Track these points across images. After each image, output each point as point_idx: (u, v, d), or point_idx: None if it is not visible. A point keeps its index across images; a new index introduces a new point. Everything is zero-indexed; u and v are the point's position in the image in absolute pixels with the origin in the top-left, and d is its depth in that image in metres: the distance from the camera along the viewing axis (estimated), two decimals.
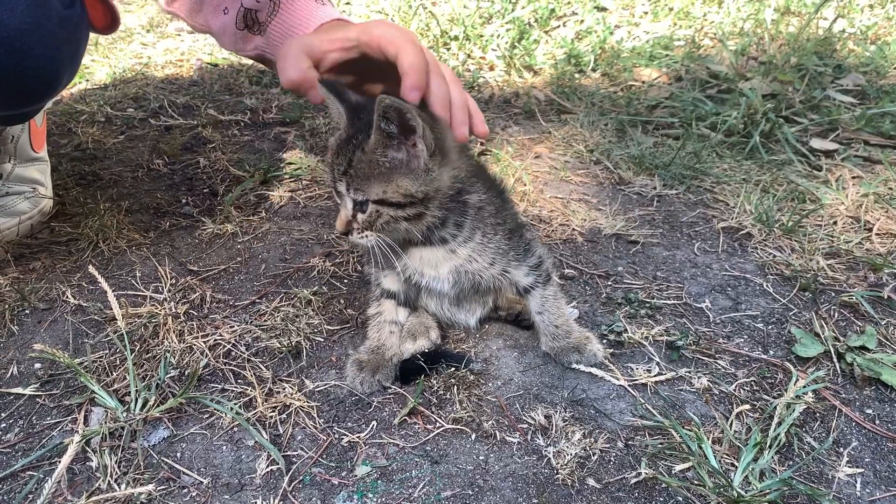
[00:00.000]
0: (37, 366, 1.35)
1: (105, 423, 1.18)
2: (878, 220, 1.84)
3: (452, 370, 1.29)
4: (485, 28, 3.35)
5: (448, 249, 1.22)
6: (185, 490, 1.08)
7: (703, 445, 1.09)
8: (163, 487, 1.08)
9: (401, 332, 1.35)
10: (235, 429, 1.19)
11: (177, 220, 1.88)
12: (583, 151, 2.31)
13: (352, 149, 1.10)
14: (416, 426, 1.19)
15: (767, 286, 1.58)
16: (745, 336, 1.42)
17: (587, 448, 1.13)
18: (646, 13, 3.58)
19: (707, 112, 2.51)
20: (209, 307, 1.51)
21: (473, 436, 1.17)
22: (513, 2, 3.48)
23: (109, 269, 1.65)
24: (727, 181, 2.10)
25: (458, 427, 1.18)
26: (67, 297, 1.53)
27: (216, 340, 1.39)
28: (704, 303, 1.52)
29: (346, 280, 1.62)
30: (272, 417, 1.21)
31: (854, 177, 2.11)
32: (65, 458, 0.96)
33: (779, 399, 1.18)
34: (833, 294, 1.55)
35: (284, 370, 1.33)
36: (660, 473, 1.08)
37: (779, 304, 1.52)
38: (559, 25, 3.46)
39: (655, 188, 2.07)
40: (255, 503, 1.04)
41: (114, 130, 2.45)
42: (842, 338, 1.39)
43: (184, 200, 1.99)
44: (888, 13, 3.44)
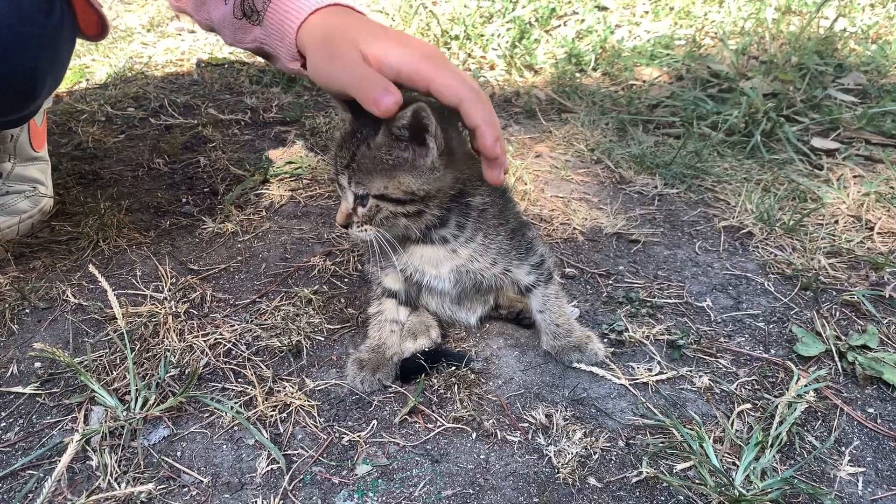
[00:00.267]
0: (37, 365, 1.35)
1: (105, 422, 1.17)
2: (880, 220, 1.84)
3: (453, 369, 1.29)
4: (485, 27, 3.35)
5: (449, 249, 1.22)
6: (186, 489, 1.07)
7: (705, 444, 1.09)
8: (163, 486, 1.07)
9: (401, 331, 1.35)
10: (236, 428, 1.18)
11: (177, 220, 1.88)
12: (584, 150, 2.31)
13: (356, 143, 1.10)
14: (417, 425, 1.19)
15: (769, 285, 1.58)
16: (747, 335, 1.42)
17: (588, 447, 1.13)
18: (646, 12, 3.58)
19: (708, 111, 2.50)
20: (209, 306, 1.51)
21: (474, 435, 1.17)
22: (513, 1, 3.48)
23: (110, 269, 1.65)
24: (728, 180, 2.09)
25: (459, 426, 1.18)
26: (68, 296, 1.53)
27: (216, 339, 1.39)
28: (705, 302, 1.52)
29: (347, 279, 1.62)
30: (272, 416, 1.20)
31: (855, 176, 2.10)
32: (65, 457, 0.95)
33: (780, 398, 1.18)
34: (834, 293, 1.55)
35: (285, 369, 1.33)
36: (661, 472, 1.07)
37: (780, 303, 1.52)
38: (560, 25, 3.46)
39: (656, 187, 2.06)
40: (256, 502, 1.04)
41: (114, 130, 2.45)
42: (843, 337, 1.38)
43: (184, 199, 1.99)
44: (889, 12, 3.43)
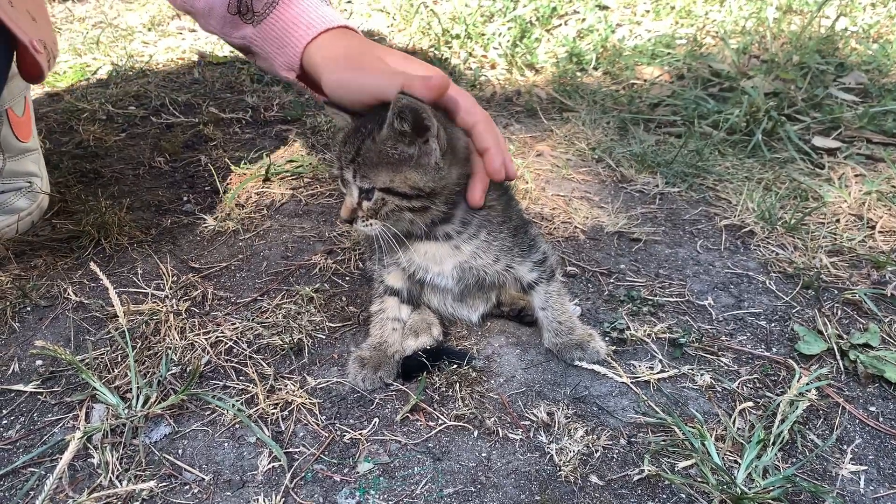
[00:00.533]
0: (38, 363, 1.35)
1: (106, 420, 1.17)
2: (881, 218, 1.84)
3: (455, 367, 1.29)
4: (486, 26, 3.34)
5: (452, 245, 1.22)
6: (187, 487, 1.07)
7: (706, 442, 1.09)
8: (164, 484, 1.07)
9: (403, 329, 1.35)
10: (237, 426, 1.18)
11: (178, 218, 1.88)
12: (585, 149, 2.31)
13: (360, 137, 1.11)
14: (419, 423, 1.19)
15: (770, 284, 1.58)
16: (748, 333, 1.42)
17: (590, 445, 1.13)
18: (647, 12, 3.58)
19: (709, 110, 2.50)
20: (211, 304, 1.51)
21: (476, 433, 1.17)
22: (514, 0, 3.47)
23: (111, 267, 1.65)
24: (729, 179, 2.09)
25: (461, 424, 1.18)
26: (69, 294, 1.53)
27: (218, 337, 1.39)
28: (707, 300, 1.52)
29: (348, 277, 1.62)
30: (274, 414, 1.20)
31: (857, 175, 2.10)
32: (66, 455, 0.95)
33: (782, 396, 1.18)
34: (836, 291, 1.55)
35: (286, 367, 1.33)
36: (663, 470, 1.07)
37: (781, 302, 1.52)
38: (561, 24, 3.46)
39: (657, 186, 2.06)
40: (257, 500, 1.04)
41: (115, 128, 2.45)
42: (845, 335, 1.38)
43: (185, 198, 1.99)
44: (890, 12, 3.43)
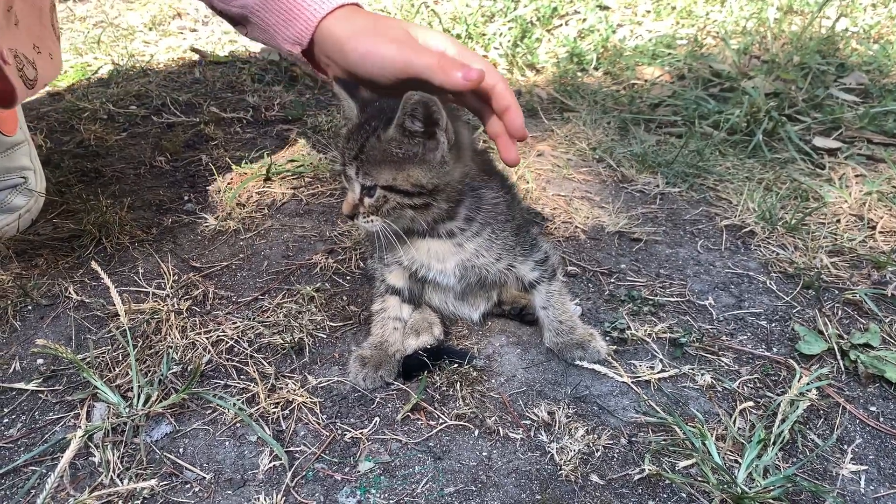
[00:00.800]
0: (39, 361, 1.35)
1: (107, 419, 1.18)
2: (882, 218, 1.84)
3: (455, 366, 1.29)
4: (487, 26, 3.34)
5: (455, 243, 1.23)
6: (188, 485, 1.07)
7: (707, 442, 1.09)
8: (165, 483, 1.08)
9: (404, 328, 1.35)
10: (238, 424, 1.19)
11: (179, 217, 1.88)
12: (585, 149, 2.31)
13: (364, 134, 1.11)
14: (419, 422, 1.19)
15: (771, 284, 1.58)
16: (749, 333, 1.42)
17: (590, 444, 1.13)
18: (648, 12, 3.58)
19: (710, 110, 2.50)
20: (212, 303, 1.51)
21: (476, 432, 1.17)
22: (515, 0, 3.47)
23: (112, 266, 1.65)
24: (730, 179, 2.09)
25: (461, 423, 1.18)
26: (70, 293, 1.53)
27: (219, 336, 1.39)
28: (707, 300, 1.52)
29: (349, 277, 1.62)
30: (275, 413, 1.20)
31: (857, 175, 2.10)
32: (67, 454, 0.96)
33: (782, 396, 1.18)
34: (836, 292, 1.55)
35: (287, 366, 1.33)
36: (663, 470, 1.07)
37: (782, 302, 1.52)
38: (561, 24, 3.46)
39: (658, 186, 2.06)
40: (258, 499, 1.04)
41: (116, 127, 2.45)
42: (845, 335, 1.38)
43: (186, 197, 1.99)
44: (891, 12, 3.43)
